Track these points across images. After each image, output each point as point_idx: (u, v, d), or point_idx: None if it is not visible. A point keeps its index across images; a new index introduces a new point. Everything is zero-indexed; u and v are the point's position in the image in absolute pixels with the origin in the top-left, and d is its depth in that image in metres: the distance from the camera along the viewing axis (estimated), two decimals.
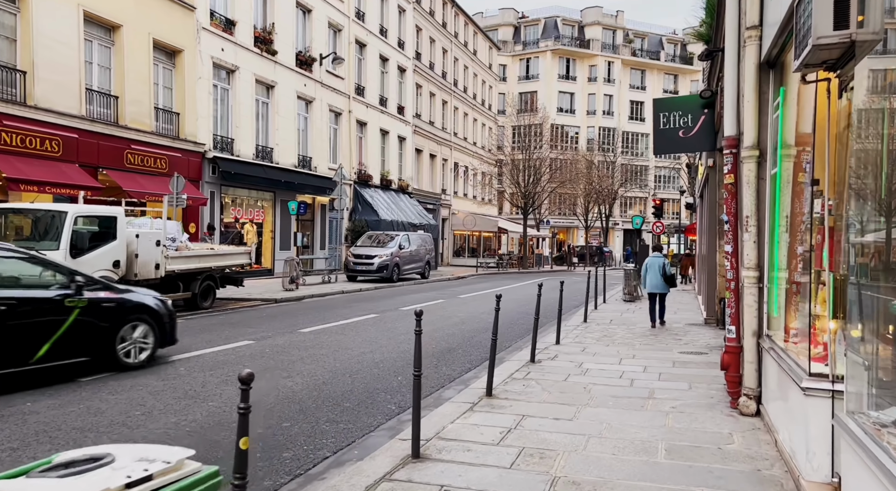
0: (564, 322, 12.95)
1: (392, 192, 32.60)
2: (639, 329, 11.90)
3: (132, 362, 7.31)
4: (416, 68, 35.85)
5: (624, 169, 54.20)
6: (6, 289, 6.37)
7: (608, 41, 62.03)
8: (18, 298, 6.40)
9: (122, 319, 7.22)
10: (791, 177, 5.30)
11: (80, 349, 6.91)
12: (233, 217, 21.60)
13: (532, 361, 8.17)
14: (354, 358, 8.42)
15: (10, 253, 6.70)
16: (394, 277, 23.00)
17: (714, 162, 12.68)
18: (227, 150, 20.83)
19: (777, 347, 5.14)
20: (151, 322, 7.54)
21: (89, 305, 6.87)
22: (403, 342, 9.87)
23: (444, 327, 11.77)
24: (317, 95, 25.98)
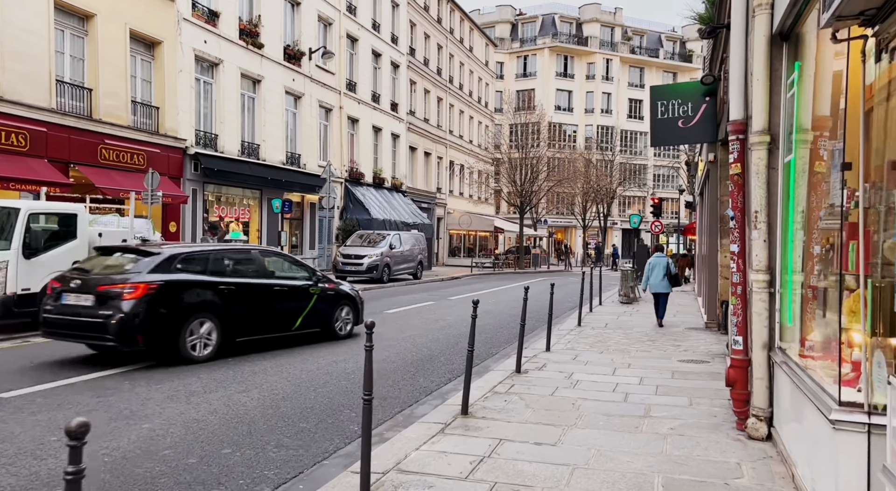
0: (557, 326, 12.29)
1: (385, 191, 31.88)
2: (636, 333, 11.20)
3: (342, 334, 9.92)
4: (411, 64, 35.13)
5: (622, 168, 53.52)
6: (281, 279, 9.25)
7: (606, 38, 61.34)
8: (289, 285, 9.27)
9: (337, 304, 9.94)
10: (807, 166, 4.60)
11: (316, 323, 9.58)
12: (217, 216, 20.88)
13: (517, 372, 7.46)
14: (323, 368, 7.70)
15: (276, 256, 9.98)
16: (384, 277, 22.29)
17: (715, 156, 11.99)
18: (211, 146, 20.10)
19: (792, 361, 4.44)
20: (351, 306, 10.20)
21: (321, 293, 9.64)
22: (380, 350, 9.16)
23: (428, 332, 11.06)
24: (306, 91, 25.25)
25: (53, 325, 7.62)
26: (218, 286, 8.11)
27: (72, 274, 7.90)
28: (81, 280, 7.60)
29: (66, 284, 7.66)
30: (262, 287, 8.80)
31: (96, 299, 7.35)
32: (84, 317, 7.32)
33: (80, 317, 7.35)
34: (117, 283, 7.40)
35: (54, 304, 7.65)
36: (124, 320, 7.14)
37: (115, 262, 8.11)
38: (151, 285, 7.40)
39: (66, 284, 7.67)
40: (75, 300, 7.49)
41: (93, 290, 7.44)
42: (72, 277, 7.72)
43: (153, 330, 7.36)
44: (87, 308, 7.35)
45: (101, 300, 7.31)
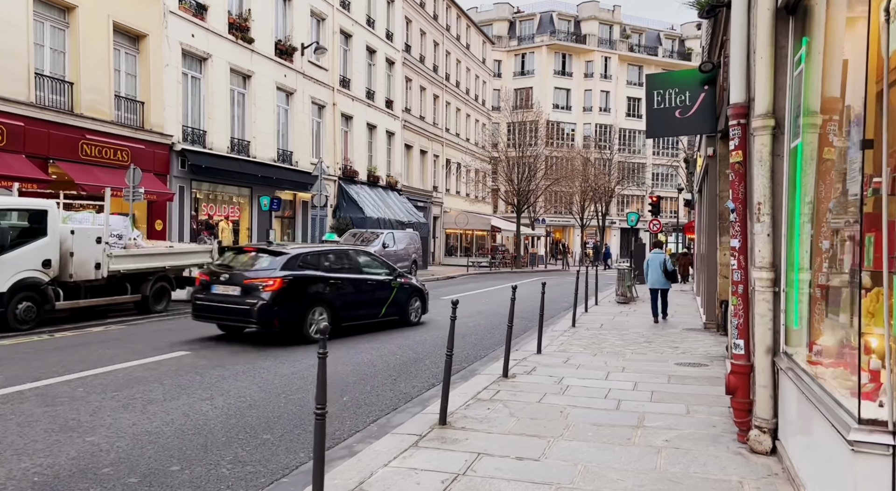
0: (551, 327, 11.87)
1: (380, 189, 31.44)
2: (631, 334, 10.77)
3: (413, 321, 11.55)
4: (406, 61, 34.68)
5: (621, 166, 53.07)
6: (371, 275, 10.73)
7: (605, 36, 60.89)
8: (377, 280, 10.80)
9: (410, 295, 11.55)
10: (815, 152, 4.17)
11: (395, 312, 11.08)
12: (205, 214, 20.43)
13: (504, 377, 7.02)
14: (299, 372, 7.26)
15: (366, 255, 11.33)
16: None
17: (714, 151, 11.56)
18: (199, 142, 19.65)
19: (799, 368, 4.01)
20: (420, 298, 11.83)
21: (400, 286, 11.24)
22: (363, 352, 8.74)
23: (410, 335, 10.63)
24: (298, 87, 24.80)
25: (204, 310, 9.33)
26: (329, 280, 9.81)
27: (218, 269, 9.61)
28: (229, 274, 9.25)
29: (214, 278, 9.37)
30: (359, 281, 10.50)
31: (242, 290, 8.98)
32: (232, 304, 9.02)
33: (228, 304, 9.05)
34: (259, 277, 8.99)
35: (204, 293, 9.34)
36: (265, 307, 8.78)
37: (251, 259, 9.68)
38: (285, 279, 9.02)
39: (214, 277, 9.39)
40: (223, 290, 9.16)
41: (240, 282, 9.06)
42: (219, 272, 9.43)
43: (286, 315, 9.03)
44: (234, 297, 9.04)
45: (246, 291, 8.94)
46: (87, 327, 10.20)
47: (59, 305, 10.18)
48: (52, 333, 9.52)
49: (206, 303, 9.26)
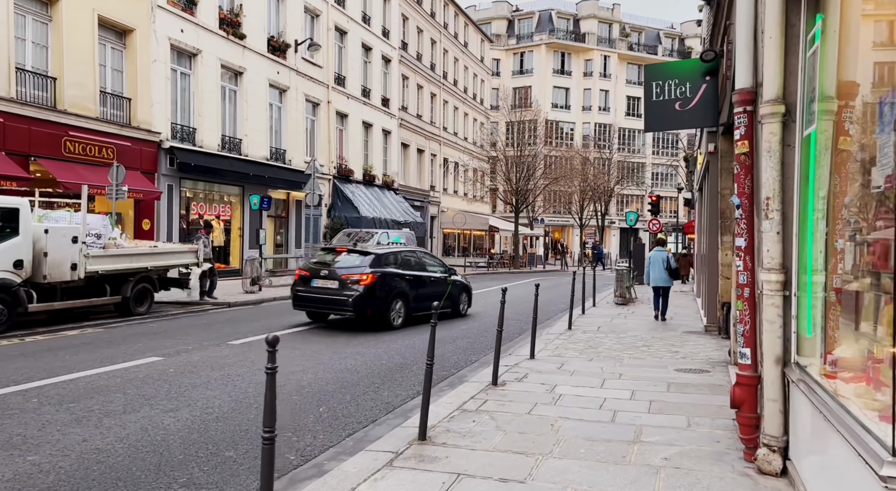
0: (546, 330, 11.46)
1: (375, 189, 31.02)
2: (629, 338, 10.35)
3: (462, 313, 13.23)
4: (402, 59, 34.26)
5: (620, 166, 52.66)
6: (432, 272, 12.30)
7: (604, 35, 60.50)
8: (436, 277, 12.35)
9: (461, 290, 13.24)
10: (830, 141, 3.75)
11: (449, 305, 12.56)
12: (195, 213, 20.01)
13: (494, 385, 6.60)
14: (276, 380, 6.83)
15: (426, 255, 12.98)
16: None
17: (715, 147, 11.15)
18: (188, 140, 19.23)
19: (812, 381, 3.60)
20: (467, 293, 13.56)
21: (453, 282, 12.69)
22: (348, 357, 8.32)
23: (399, 338, 10.22)
24: (291, 84, 24.39)
25: (304, 300, 11.01)
26: (405, 277, 11.39)
27: (316, 266, 11.27)
28: (328, 270, 10.91)
29: (313, 273, 10.97)
30: (425, 278, 12.09)
31: (340, 284, 10.62)
32: (330, 295, 10.68)
33: (327, 295, 10.71)
34: (354, 273, 10.63)
35: (305, 286, 10.95)
36: (360, 298, 10.44)
37: (344, 258, 11.32)
38: (375, 275, 10.68)
39: (313, 272, 10.98)
40: (322, 284, 10.82)
41: (337, 277, 10.70)
42: (318, 268, 11.07)
43: (376, 305, 10.64)
44: (332, 289, 10.69)
45: (343, 284, 10.58)
46: (63, 331, 9.79)
47: (32, 308, 9.77)
48: (23, 337, 9.10)
49: (307, 294, 10.94)
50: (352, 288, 10.50)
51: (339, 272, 10.78)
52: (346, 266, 10.97)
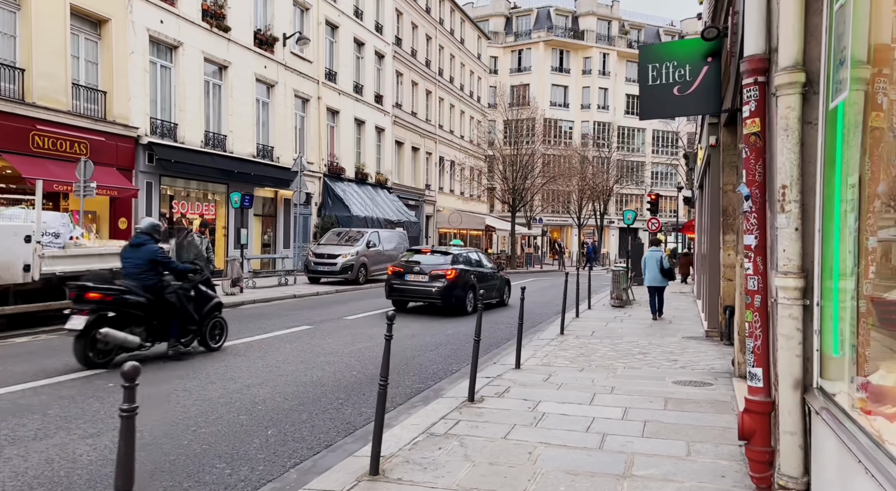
0: (538, 334, 10.78)
1: (368, 187, 30.31)
2: (625, 344, 9.64)
3: (506, 303, 15.43)
4: (396, 55, 33.54)
5: (619, 165, 51.93)
6: (486, 269, 14.84)
7: (603, 32, 59.78)
8: (491, 272, 14.91)
9: (505, 284, 15.65)
10: (861, 115, 3.04)
11: (498, 296, 14.78)
12: (177, 211, 19.28)
13: (470, 401, 5.89)
14: (226, 397, 6.13)
15: (481, 254, 15.59)
16: (360, 278, 20.70)
17: (717, 139, 10.43)
18: (169, 135, 18.51)
19: (841, 411, 2.89)
20: (508, 287, 15.81)
21: (500, 277, 15.48)
22: (315, 368, 7.60)
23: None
24: (280, 79, 23.67)
25: (398, 291, 13.40)
26: (473, 272, 13.83)
27: (407, 263, 13.76)
28: (418, 267, 13.37)
29: (406, 269, 13.45)
30: (485, 273, 14.65)
31: (429, 278, 13.04)
32: (421, 287, 13.11)
33: (418, 287, 13.14)
34: (440, 269, 13.10)
35: (399, 280, 13.39)
36: (446, 289, 12.87)
37: (429, 257, 13.95)
38: (456, 270, 13.14)
39: (406, 269, 13.46)
40: (414, 278, 13.25)
41: (427, 272, 13.14)
42: (410, 266, 13.56)
43: (456, 294, 13.05)
44: (423, 282, 13.10)
45: (432, 278, 13.01)
46: (12, 338, 9.08)
47: None
48: None
49: (401, 286, 13.38)
50: (439, 281, 13.00)
51: (428, 269, 13.25)
52: (432, 264, 13.44)
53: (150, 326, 7.45)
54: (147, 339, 7.42)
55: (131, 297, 7.26)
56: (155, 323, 7.48)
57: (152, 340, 7.51)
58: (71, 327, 6.80)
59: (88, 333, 6.83)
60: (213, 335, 8.29)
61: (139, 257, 7.55)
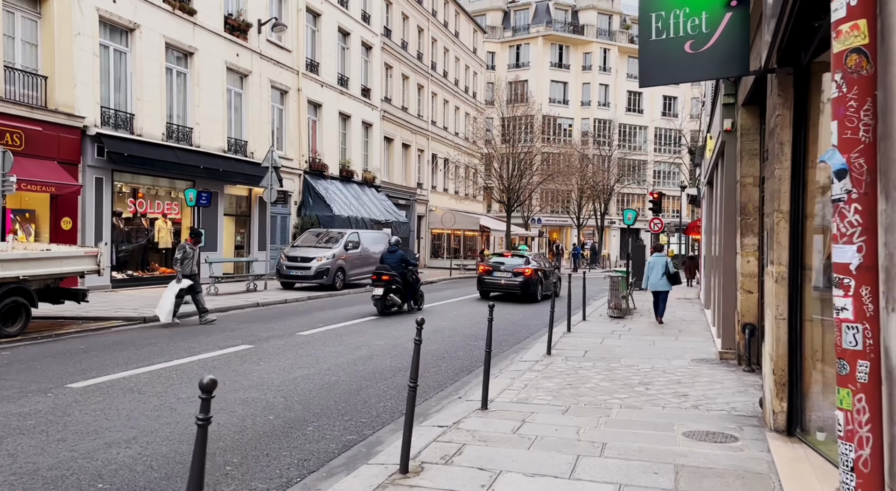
0: (521, 355, 9.14)
1: (354, 186, 28.64)
2: (623, 370, 7.95)
3: (559, 295, 16.83)
4: (385, 46, 31.87)
5: (620, 163, 50.23)
6: (548, 268, 19.11)
7: (604, 27, 58.07)
8: (549, 271, 18.83)
9: (559, 280, 19.27)
10: None
11: (553, 290, 14.19)
12: (131, 211, 17.61)
13: (403, 473, 4.20)
14: (105, 444, 4.45)
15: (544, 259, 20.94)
16: (336, 283, 19.02)
17: (733, 123, 8.75)
18: (124, 126, 16.85)
19: None
20: (560, 282, 19.30)
21: (556, 276, 19.16)
22: (225, 411, 5.91)
23: (333, 368, 7.83)
24: (254, 68, 22.02)
25: (488, 285, 17.59)
26: (540, 271, 17.71)
27: (493, 264, 18.04)
28: (503, 267, 17.64)
29: (494, 268, 17.68)
30: (547, 271, 18.42)
31: (513, 274, 17.17)
32: (507, 282, 17.26)
33: (505, 282, 17.29)
34: (520, 268, 17.30)
35: (490, 276, 17.59)
36: (525, 283, 16.97)
37: (510, 258, 18.47)
38: (532, 269, 17.34)
39: (494, 268, 17.70)
40: (500, 276, 17.45)
41: (511, 270, 17.31)
42: (496, 266, 17.82)
43: (532, 287, 17.07)
44: (508, 278, 17.27)
45: (515, 275, 17.12)
46: None
47: None
48: None
49: (490, 281, 17.51)
50: (519, 277, 17.12)
51: (510, 268, 17.52)
52: (514, 264, 17.81)
53: (402, 294, 13.68)
54: (402, 300, 13.73)
55: (398, 279, 13.46)
56: (403, 292, 13.69)
57: (402, 301, 13.75)
58: (374, 293, 13.37)
59: (384, 296, 13.21)
60: (416, 299, 14.50)
61: (396, 258, 13.84)
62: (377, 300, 13.13)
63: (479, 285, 17.84)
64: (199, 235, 12.47)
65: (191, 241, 12.15)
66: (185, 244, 11.96)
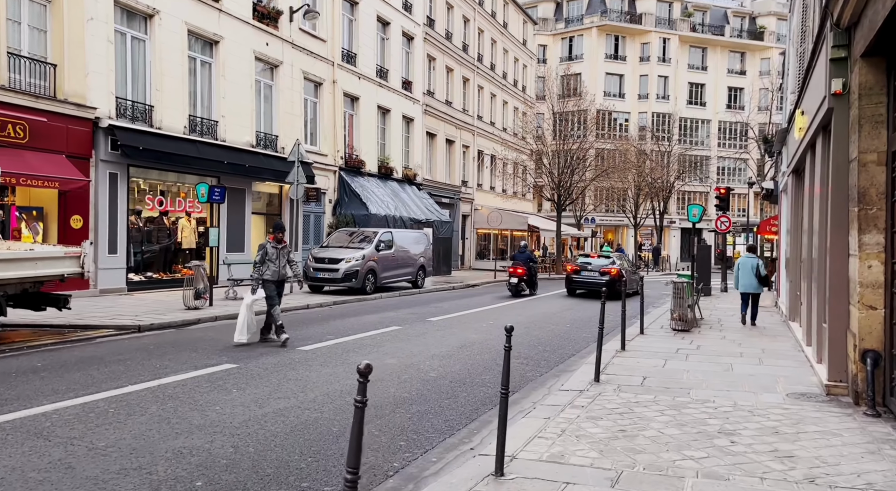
0: (560, 382, 7.32)
1: (394, 183, 27.20)
2: (694, 409, 6.01)
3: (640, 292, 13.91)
4: (428, 37, 30.32)
5: (681, 159, 47.03)
6: (631, 268, 21.92)
7: (663, 15, 54.81)
8: (632, 270, 21.44)
9: (641, 279, 19.23)
10: None
11: (636, 289, 17.60)
12: (151, 208, 16.63)
13: None
14: None
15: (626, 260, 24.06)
16: (366, 286, 17.54)
17: (845, 83, 6.67)
18: (142, 119, 15.87)
19: None
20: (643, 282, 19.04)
21: (638, 275, 21.16)
22: (161, 460, 4.35)
23: (324, 396, 6.25)
24: (285, 59, 20.85)
25: (577, 284, 19.34)
26: (626, 270, 19.96)
27: (580, 265, 19.87)
28: (590, 267, 19.55)
29: (582, 268, 19.57)
30: (630, 269, 20.68)
31: (599, 273, 18.87)
32: (593, 280, 18.76)
33: (591, 280, 18.91)
34: (606, 268, 19.05)
35: (578, 275, 19.39)
36: (611, 282, 17.27)
37: (595, 259, 20.51)
38: (618, 268, 19.03)
39: (582, 268, 19.58)
40: (587, 274, 19.27)
41: (598, 270, 19.16)
42: (584, 265, 19.75)
43: (617, 285, 16.07)
44: (594, 276, 18.87)
45: (601, 274, 18.73)
46: None
47: None
48: None
49: (579, 280, 19.23)
50: (605, 276, 18.12)
51: (597, 268, 19.13)
52: (600, 264, 19.44)
53: (528, 282, 18.97)
54: (528, 287, 18.84)
55: (527, 273, 18.64)
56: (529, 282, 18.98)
57: (528, 288, 18.86)
58: (509, 281, 18.70)
59: (517, 285, 18.45)
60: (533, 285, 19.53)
61: (524, 257, 19.12)
62: (511, 286, 18.85)
63: (567, 283, 19.66)
64: (282, 229, 9.77)
65: (273, 238, 9.64)
66: (267, 243, 9.57)
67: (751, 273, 12.27)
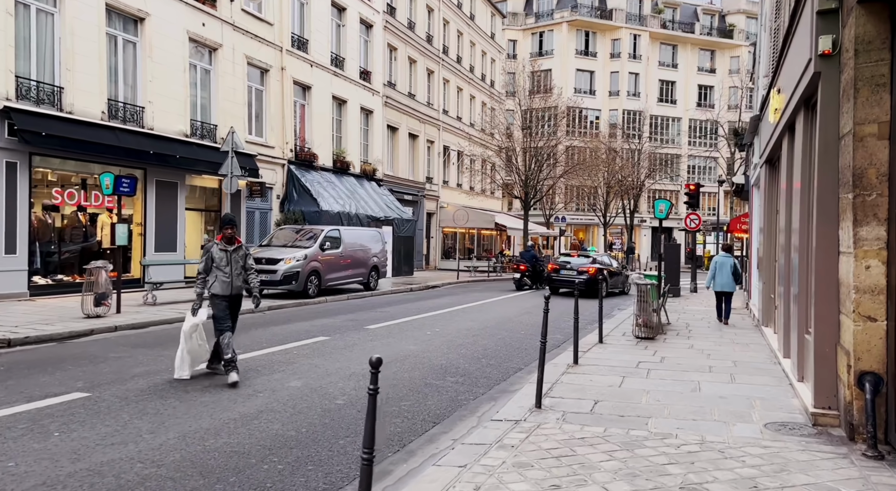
0: (497, 407, 5.95)
1: (350, 178, 25.64)
2: (652, 448, 4.67)
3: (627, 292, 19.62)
4: (389, 25, 28.82)
5: (651, 157, 46.25)
6: (615, 268, 22.15)
7: (634, 11, 54.12)
8: (616, 271, 21.78)
9: (626, 279, 21.41)
10: None
11: (620, 288, 21.21)
12: (59, 202, 14.84)
13: None
14: None
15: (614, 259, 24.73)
16: (309, 289, 15.99)
17: (835, 41, 5.42)
18: (50, 102, 14.10)
19: None
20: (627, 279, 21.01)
21: (623, 275, 22.18)
22: None
23: (178, 438, 4.75)
24: (225, 41, 19.18)
25: (556, 282, 19.55)
26: (605, 270, 19.92)
27: (560, 264, 20.73)
28: (569, 266, 20.27)
29: (562, 266, 20.40)
30: (613, 271, 21.04)
31: (577, 272, 19.61)
32: (570, 279, 19.15)
33: (568, 279, 19.35)
34: (584, 267, 19.91)
35: (557, 274, 20.07)
36: (588, 281, 18.39)
37: (575, 259, 21.45)
38: (595, 267, 19.81)
39: (561, 266, 20.43)
40: (566, 273, 19.93)
41: (576, 269, 19.88)
42: (564, 264, 20.58)
43: (594, 285, 17.44)
44: (572, 276, 19.47)
45: (579, 273, 19.54)
46: None
47: None
48: None
49: (558, 278, 19.81)
50: (583, 275, 19.26)
51: (576, 266, 20.06)
52: (579, 263, 20.45)
53: (531, 278, 21.85)
54: (531, 282, 21.89)
55: (531, 269, 21.85)
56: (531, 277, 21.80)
57: (531, 283, 21.89)
58: (514, 276, 22.22)
59: (520, 279, 21.76)
60: (541, 281, 21.36)
61: (528, 255, 22.91)
62: (516, 281, 21.76)
63: (549, 282, 19.44)
64: (232, 224, 7.13)
65: (221, 237, 7.07)
66: (213, 245, 6.99)
67: (729, 272, 12.39)
